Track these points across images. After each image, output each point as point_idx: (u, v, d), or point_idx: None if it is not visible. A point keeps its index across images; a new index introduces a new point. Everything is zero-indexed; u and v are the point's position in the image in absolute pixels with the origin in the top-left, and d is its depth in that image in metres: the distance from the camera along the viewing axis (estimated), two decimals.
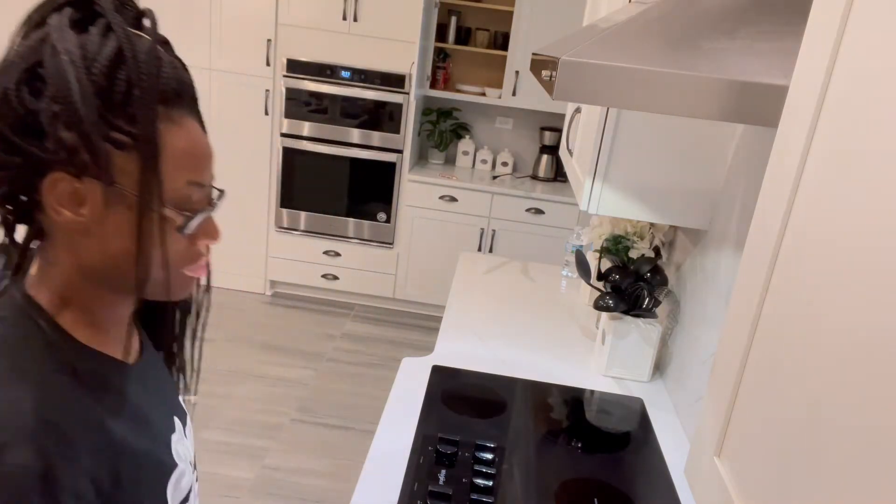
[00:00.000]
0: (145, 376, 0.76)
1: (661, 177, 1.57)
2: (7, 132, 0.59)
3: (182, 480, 0.76)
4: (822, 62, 0.59)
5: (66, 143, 0.59)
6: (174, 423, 0.79)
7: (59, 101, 0.58)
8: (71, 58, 0.58)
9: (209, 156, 0.68)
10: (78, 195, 0.61)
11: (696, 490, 0.73)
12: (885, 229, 0.47)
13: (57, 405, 0.60)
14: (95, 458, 0.62)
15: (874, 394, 0.45)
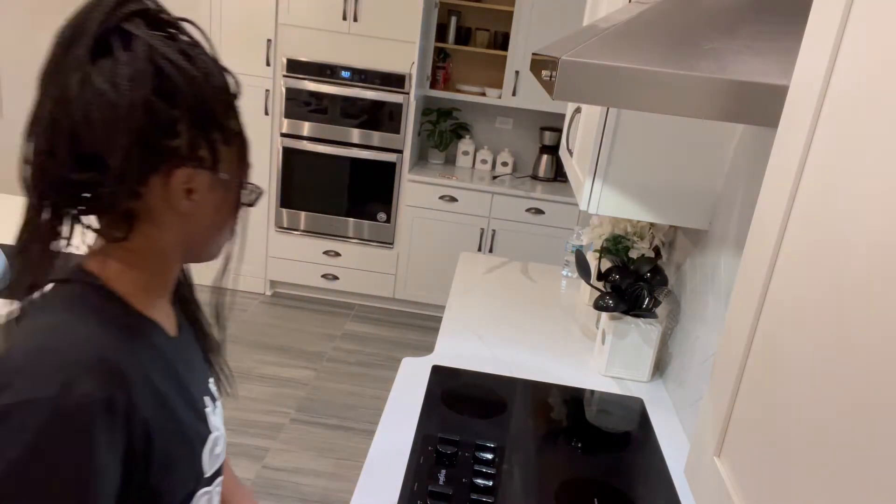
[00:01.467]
0: (184, 351, 0.84)
1: (661, 177, 1.57)
2: (150, 134, 0.68)
3: (216, 448, 0.83)
4: (822, 62, 0.59)
5: (194, 143, 0.71)
6: (206, 399, 0.85)
7: (191, 108, 0.70)
8: (193, 70, 0.70)
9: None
10: (193, 184, 0.73)
11: (696, 490, 0.73)
12: (885, 229, 0.47)
13: (115, 349, 0.68)
14: (146, 403, 0.69)
15: (874, 393, 0.45)
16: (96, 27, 0.68)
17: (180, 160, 0.71)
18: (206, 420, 0.82)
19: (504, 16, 4.09)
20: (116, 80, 0.66)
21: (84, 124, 0.67)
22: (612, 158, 1.55)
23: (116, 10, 0.68)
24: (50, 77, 0.69)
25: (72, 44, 0.69)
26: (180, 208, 0.73)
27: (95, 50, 0.67)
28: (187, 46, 0.72)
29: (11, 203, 2.55)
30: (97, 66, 0.67)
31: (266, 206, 4.05)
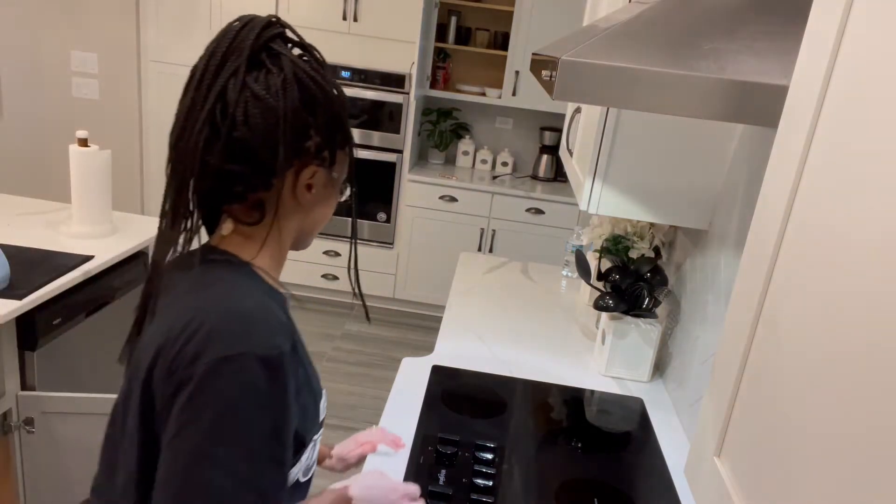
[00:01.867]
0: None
1: (661, 177, 1.57)
2: (298, 137, 0.82)
3: (323, 403, 1.00)
4: (822, 62, 0.59)
5: (321, 145, 0.85)
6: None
7: (323, 116, 0.84)
8: (328, 87, 0.84)
9: None
10: (314, 180, 0.87)
11: (696, 490, 0.73)
12: (885, 228, 0.47)
13: (281, 313, 0.84)
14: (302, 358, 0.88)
15: (874, 393, 0.45)
16: (250, 44, 0.80)
17: (309, 159, 0.85)
18: (319, 379, 0.98)
19: (504, 16, 4.09)
20: (270, 88, 0.79)
21: (241, 121, 0.79)
22: (612, 158, 1.55)
23: (264, 32, 0.82)
24: (207, 84, 0.82)
25: (228, 57, 0.81)
26: (302, 200, 0.88)
27: (249, 63, 0.80)
28: (316, 65, 0.85)
29: (11, 203, 2.55)
30: (252, 75, 0.80)
31: None
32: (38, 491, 1.95)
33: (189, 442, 0.75)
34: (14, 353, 1.89)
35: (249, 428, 0.76)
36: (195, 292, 0.84)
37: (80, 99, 3.93)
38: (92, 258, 2.13)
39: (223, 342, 0.76)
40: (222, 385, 0.75)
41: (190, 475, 0.74)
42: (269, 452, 0.78)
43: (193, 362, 0.76)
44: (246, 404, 0.76)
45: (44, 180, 4.07)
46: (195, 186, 0.82)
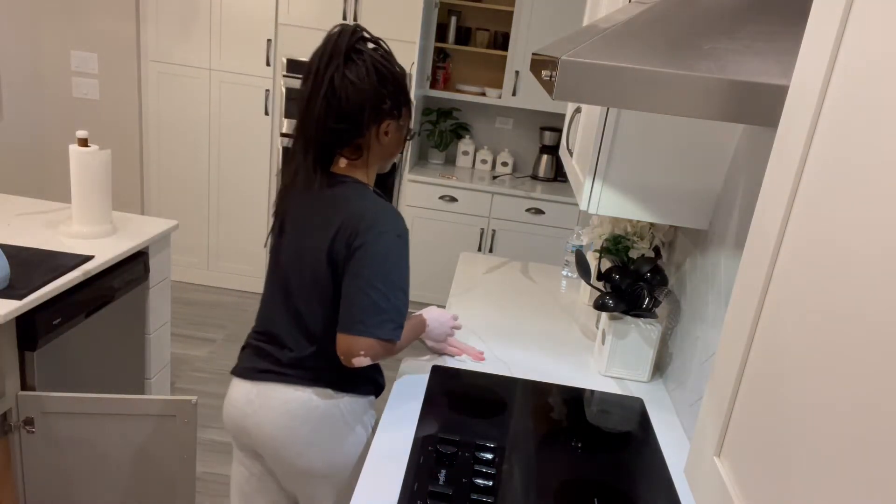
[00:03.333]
0: None
1: (661, 177, 1.57)
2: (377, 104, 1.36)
3: None
4: (822, 62, 0.59)
5: (393, 106, 1.39)
6: None
7: (393, 87, 1.38)
8: (393, 67, 1.38)
9: None
10: (390, 129, 1.41)
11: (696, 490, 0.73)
12: (885, 229, 0.47)
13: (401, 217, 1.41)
14: None
15: (874, 393, 0.45)
16: (344, 47, 1.32)
17: (385, 116, 1.39)
18: None
19: (504, 16, 4.10)
20: (359, 75, 1.32)
21: (344, 98, 1.32)
22: (612, 158, 1.55)
23: (351, 38, 1.33)
24: (320, 75, 1.32)
25: (332, 57, 1.32)
26: (382, 142, 1.42)
27: (345, 60, 1.32)
28: (386, 54, 1.38)
29: (11, 203, 2.55)
30: (348, 68, 1.32)
31: (266, 207, 4.05)
32: (38, 491, 1.95)
33: (361, 279, 1.33)
34: (14, 353, 1.89)
35: (394, 273, 1.34)
36: (353, 200, 1.38)
37: (80, 99, 3.93)
38: (92, 258, 2.13)
39: (379, 225, 1.34)
40: (380, 247, 1.33)
41: (361, 297, 1.33)
42: (403, 289, 1.36)
43: (363, 235, 1.32)
44: (393, 259, 1.35)
45: (44, 180, 4.07)
46: (321, 142, 1.37)
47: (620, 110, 1.52)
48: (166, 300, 2.63)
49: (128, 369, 2.46)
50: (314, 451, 1.43)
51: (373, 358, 1.35)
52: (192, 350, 3.48)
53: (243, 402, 1.49)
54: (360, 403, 1.48)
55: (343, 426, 1.45)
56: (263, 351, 1.50)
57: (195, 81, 3.84)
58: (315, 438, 1.43)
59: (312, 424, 1.42)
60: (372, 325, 1.32)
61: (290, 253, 1.43)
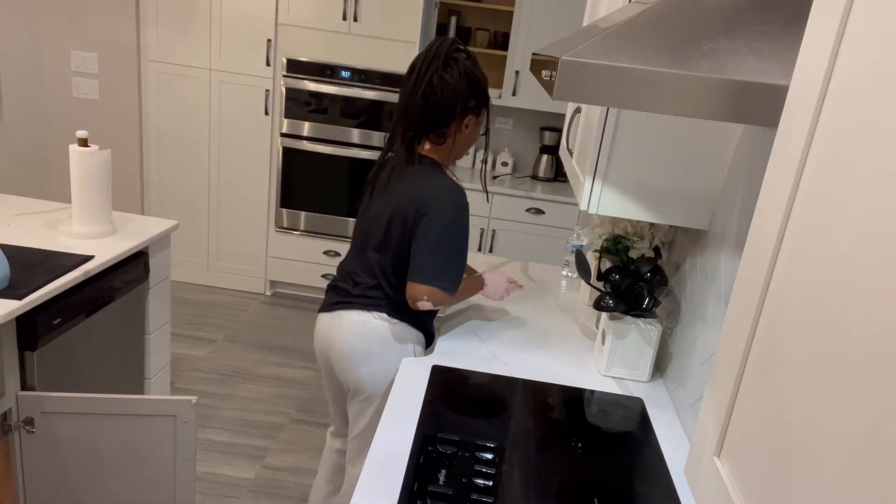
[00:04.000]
0: None
1: (661, 177, 1.57)
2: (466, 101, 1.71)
3: None
4: (822, 62, 0.59)
5: (475, 104, 1.74)
6: None
7: (477, 89, 1.73)
8: (478, 73, 1.73)
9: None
10: (470, 123, 1.75)
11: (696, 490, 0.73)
12: (885, 228, 0.47)
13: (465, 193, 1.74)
14: None
15: (874, 393, 0.45)
16: (443, 54, 1.67)
17: (468, 111, 1.73)
18: None
19: (504, 16, 4.10)
20: (453, 77, 1.67)
21: (440, 94, 1.67)
22: (612, 158, 1.55)
23: (450, 47, 1.68)
24: (421, 75, 1.67)
25: (432, 61, 1.67)
26: (463, 133, 1.76)
27: (443, 64, 1.66)
28: (472, 62, 1.72)
29: (11, 203, 2.55)
30: (445, 71, 1.67)
31: (266, 207, 4.05)
32: (38, 491, 1.95)
33: (428, 241, 1.67)
34: (14, 353, 1.89)
35: (454, 237, 1.69)
36: (426, 176, 1.73)
37: (80, 99, 3.93)
38: (92, 258, 2.14)
39: (443, 197, 1.69)
40: (444, 215, 1.68)
41: (427, 255, 1.68)
42: (461, 250, 1.71)
43: (431, 204, 1.67)
44: (456, 226, 1.69)
45: (44, 180, 4.07)
46: (414, 127, 1.72)
47: (620, 110, 1.52)
48: (166, 300, 2.63)
49: (128, 369, 2.47)
50: (368, 362, 1.76)
51: (434, 303, 1.70)
52: (192, 350, 3.48)
53: (323, 330, 1.84)
54: (410, 332, 1.80)
55: (393, 345, 1.77)
56: (339, 288, 1.84)
57: (195, 81, 3.84)
58: (370, 351, 1.76)
59: (369, 340, 1.76)
60: (434, 277, 1.67)
61: (373, 211, 1.81)
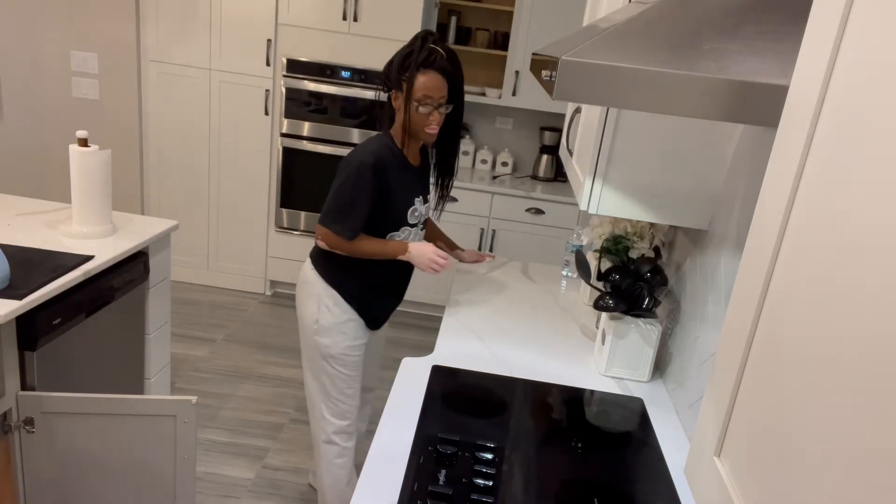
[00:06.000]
0: (415, 174, 2.04)
1: (661, 177, 1.57)
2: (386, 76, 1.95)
3: (415, 212, 2.03)
4: (822, 62, 0.59)
5: (398, 82, 1.90)
6: (416, 199, 2.03)
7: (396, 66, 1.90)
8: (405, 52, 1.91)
9: (436, 88, 1.88)
10: (398, 99, 1.93)
11: (696, 490, 0.73)
12: (885, 228, 0.47)
13: (381, 154, 1.92)
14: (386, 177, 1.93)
15: (874, 394, 0.45)
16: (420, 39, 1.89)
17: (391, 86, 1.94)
18: (411, 200, 2.01)
19: (504, 16, 4.10)
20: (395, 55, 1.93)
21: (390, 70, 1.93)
22: (612, 158, 1.55)
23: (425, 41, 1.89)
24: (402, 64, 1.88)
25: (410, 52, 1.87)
26: (396, 109, 1.95)
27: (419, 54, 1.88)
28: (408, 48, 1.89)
29: (11, 203, 2.55)
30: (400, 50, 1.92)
31: (266, 207, 4.05)
32: (38, 491, 1.95)
33: (332, 189, 1.93)
34: (14, 353, 1.89)
35: (351, 189, 1.89)
36: (364, 141, 1.97)
37: (80, 99, 3.93)
38: (92, 258, 2.14)
39: (353, 154, 1.91)
40: (349, 167, 1.89)
41: (327, 201, 1.93)
42: (354, 204, 1.90)
43: (345, 160, 1.92)
44: (353, 179, 1.89)
45: (44, 180, 4.07)
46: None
47: (620, 110, 1.52)
48: (166, 300, 2.63)
49: (128, 369, 2.46)
50: (299, 308, 2.11)
51: (329, 245, 1.96)
52: (192, 350, 3.48)
53: None
54: (320, 283, 2.04)
55: (305, 291, 2.07)
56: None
57: (195, 81, 3.84)
58: (300, 298, 2.10)
59: (302, 288, 2.10)
60: (328, 219, 1.93)
61: None
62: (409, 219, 2.01)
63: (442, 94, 1.88)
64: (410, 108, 1.88)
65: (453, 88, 1.93)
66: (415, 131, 1.92)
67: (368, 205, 1.91)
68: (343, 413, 2.16)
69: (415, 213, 2.02)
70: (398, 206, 1.97)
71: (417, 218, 2.05)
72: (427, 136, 1.93)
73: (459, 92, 1.96)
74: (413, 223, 2.04)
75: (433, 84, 1.85)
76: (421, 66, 1.85)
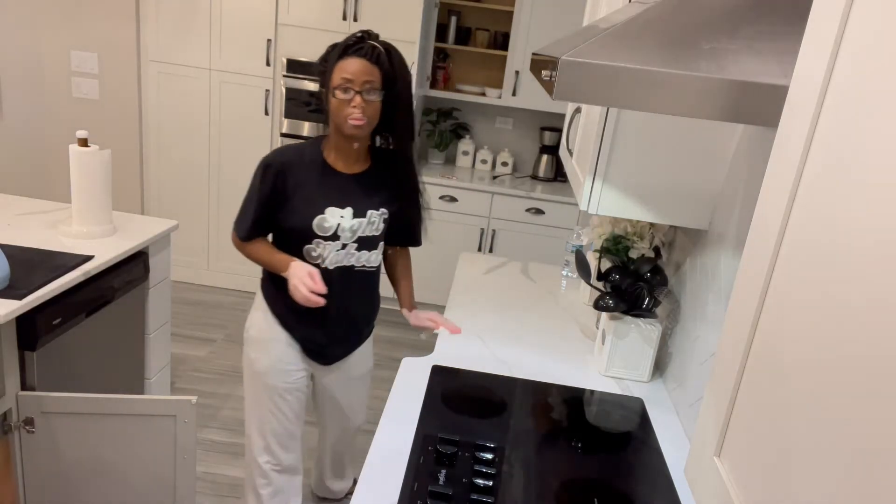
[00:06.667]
0: (344, 182, 1.79)
1: (661, 177, 1.57)
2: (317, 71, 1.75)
3: (326, 224, 1.75)
4: (822, 62, 0.59)
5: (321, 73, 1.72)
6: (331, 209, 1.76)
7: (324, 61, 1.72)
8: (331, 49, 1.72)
9: (360, 72, 1.65)
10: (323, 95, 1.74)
11: (696, 490, 0.73)
12: (885, 228, 0.47)
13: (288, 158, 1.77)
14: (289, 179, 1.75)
15: (874, 393, 0.45)
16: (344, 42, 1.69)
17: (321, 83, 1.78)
18: (323, 209, 1.74)
19: (504, 16, 4.10)
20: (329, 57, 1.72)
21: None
22: (612, 158, 1.55)
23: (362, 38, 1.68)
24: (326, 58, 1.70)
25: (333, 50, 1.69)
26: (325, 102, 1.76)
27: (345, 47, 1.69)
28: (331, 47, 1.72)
29: (11, 203, 2.55)
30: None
31: None
32: (38, 491, 1.95)
33: None
34: (14, 353, 1.89)
35: (249, 189, 1.79)
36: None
37: (80, 99, 3.93)
38: (92, 258, 2.13)
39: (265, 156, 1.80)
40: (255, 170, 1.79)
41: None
42: (248, 202, 1.79)
43: None
44: (253, 178, 1.78)
45: (44, 180, 4.07)
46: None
47: (620, 110, 1.52)
48: (166, 300, 2.63)
49: (128, 369, 2.46)
50: None
51: (234, 244, 1.86)
52: (192, 350, 3.48)
53: None
54: (265, 312, 1.88)
55: (255, 305, 1.93)
56: None
57: (195, 81, 3.84)
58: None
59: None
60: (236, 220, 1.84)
61: None
62: (316, 230, 1.74)
63: (367, 79, 1.64)
64: (330, 96, 1.68)
65: (388, 79, 1.68)
66: (338, 124, 1.70)
67: (260, 206, 1.76)
68: (268, 448, 1.95)
69: (325, 224, 1.74)
70: (300, 213, 1.74)
71: (330, 231, 1.75)
72: (351, 129, 1.68)
73: (399, 85, 1.71)
74: (326, 236, 1.75)
75: (356, 68, 1.64)
76: (343, 53, 1.65)
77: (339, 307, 1.83)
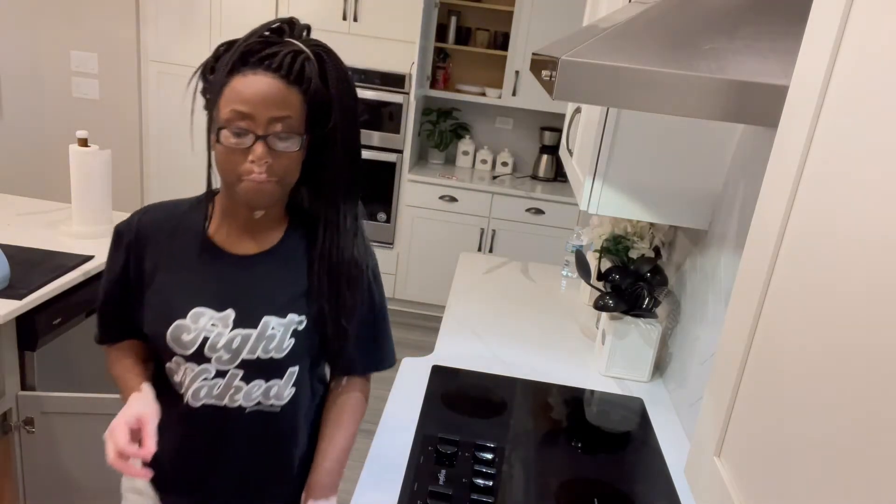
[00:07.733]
0: (233, 267, 1.10)
1: (662, 177, 1.57)
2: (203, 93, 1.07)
3: (182, 335, 1.06)
4: (822, 62, 0.59)
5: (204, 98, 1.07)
6: (207, 309, 1.07)
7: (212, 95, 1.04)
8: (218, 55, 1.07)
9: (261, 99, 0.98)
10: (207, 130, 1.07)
11: (696, 490, 0.73)
12: (885, 228, 0.47)
13: (154, 219, 1.13)
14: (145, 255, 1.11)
15: (874, 393, 0.45)
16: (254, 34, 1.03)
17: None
18: (186, 311, 1.07)
19: (504, 16, 4.10)
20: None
21: None
22: (612, 158, 1.55)
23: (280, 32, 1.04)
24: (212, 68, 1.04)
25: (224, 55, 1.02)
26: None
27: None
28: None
29: (11, 203, 2.55)
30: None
31: None
32: (38, 491, 1.95)
33: None
34: (14, 353, 1.89)
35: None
36: None
37: (80, 99, 3.93)
38: (92, 258, 2.13)
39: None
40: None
41: None
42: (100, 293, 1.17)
43: None
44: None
45: (44, 180, 4.07)
46: None
47: (620, 110, 1.52)
48: None
49: None
50: None
51: None
52: None
53: None
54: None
55: None
56: None
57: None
58: None
59: None
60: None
61: None
62: (171, 344, 1.07)
63: (277, 113, 0.99)
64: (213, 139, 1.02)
65: (317, 109, 1.07)
66: (228, 183, 1.03)
67: (107, 296, 1.16)
68: None
69: (184, 336, 1.06)
70: (152, 313, 1.09)
71: (192, 347, 1.07)
72: (248, 192, 1.01)
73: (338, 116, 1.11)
74: (186, 354, 1.07)
75: (254, 91, 0.97)
76: (239, 63, 0.99)
77: (217, 471, 1.14)
